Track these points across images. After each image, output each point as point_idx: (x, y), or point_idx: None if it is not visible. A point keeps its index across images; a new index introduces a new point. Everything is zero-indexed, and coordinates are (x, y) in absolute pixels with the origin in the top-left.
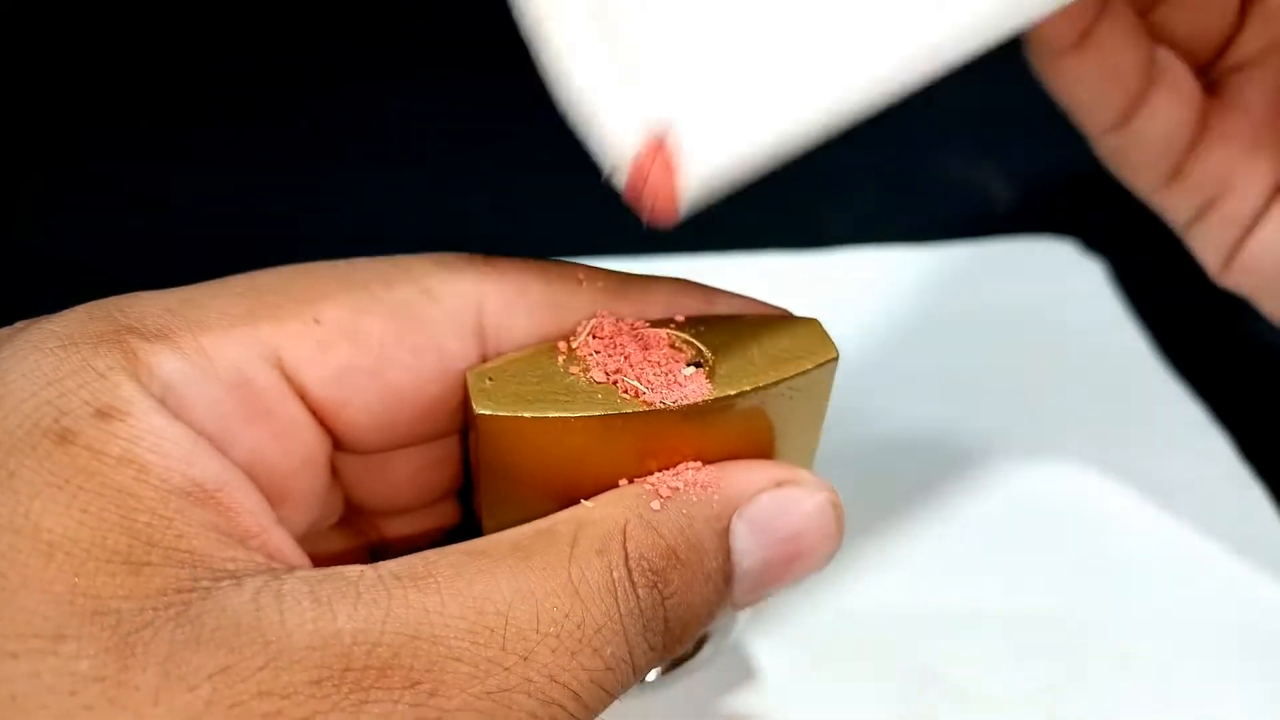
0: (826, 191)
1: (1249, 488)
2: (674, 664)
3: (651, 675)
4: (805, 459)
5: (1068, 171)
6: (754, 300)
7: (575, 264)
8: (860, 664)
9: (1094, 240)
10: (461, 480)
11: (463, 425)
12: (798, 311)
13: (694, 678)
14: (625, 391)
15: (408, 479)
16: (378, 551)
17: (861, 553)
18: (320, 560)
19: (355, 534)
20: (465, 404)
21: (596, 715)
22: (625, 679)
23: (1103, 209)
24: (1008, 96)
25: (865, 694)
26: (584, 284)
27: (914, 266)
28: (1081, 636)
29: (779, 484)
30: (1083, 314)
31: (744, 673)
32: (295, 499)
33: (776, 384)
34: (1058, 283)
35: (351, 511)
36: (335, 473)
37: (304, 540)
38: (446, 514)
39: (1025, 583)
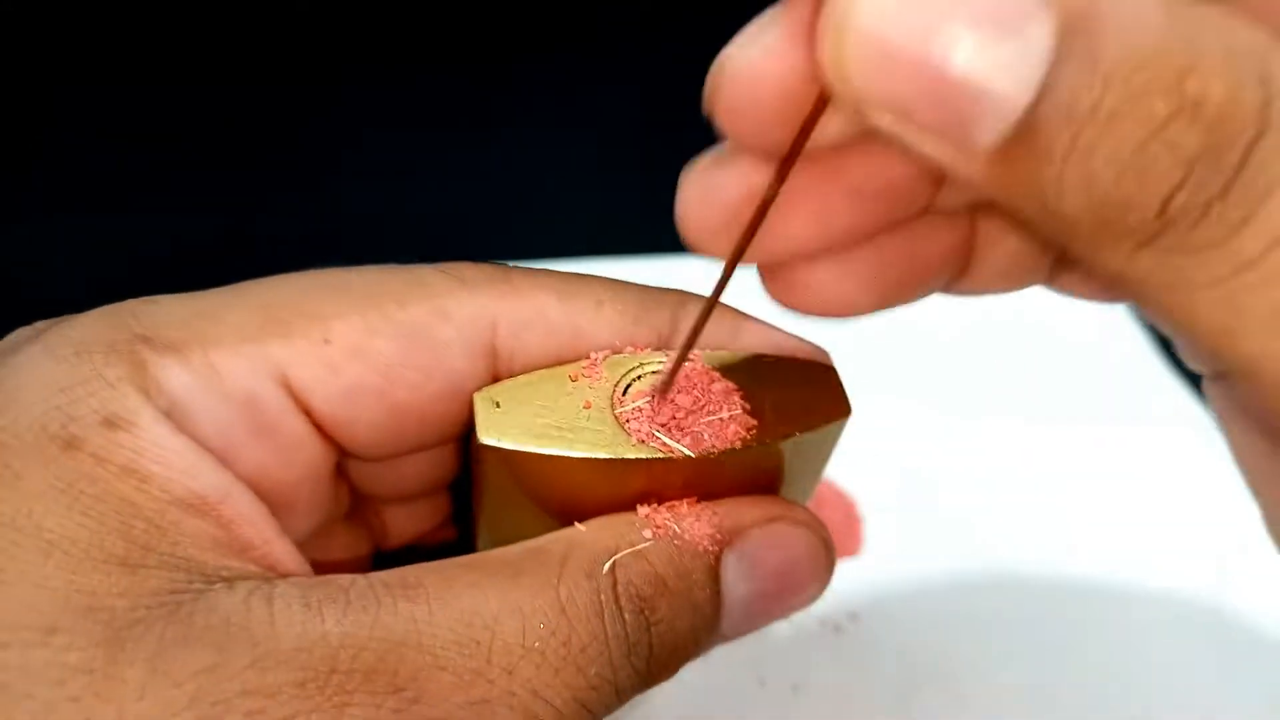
0: None
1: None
2: None
3: None
4: (803, 497)
5: None
6: (779, 330)
7: (598, 281)
8: (860, 664)
9: None
10: (460, 469)
11: (464, 431)
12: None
13: (691, 671)
14: (633, 434)
15: (414, 473)
16: (382, 552)
17: (860, 552)
18: (326, 555)
19: (362, 523)
20: (470, 422)
21: None
22: (608, 700)
23: None
24: None
25: (865, 694)
26: (605, 305)
27: None
28: (1080, 636)
29: (771, 519)
30: (1083, 314)
31: (741, 672)
32: (300, 507)
33: (785, 439)
34: None
35: (359, 499)
36: (342, 469)
37: (313, 535)
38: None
39: (1024, 583)
